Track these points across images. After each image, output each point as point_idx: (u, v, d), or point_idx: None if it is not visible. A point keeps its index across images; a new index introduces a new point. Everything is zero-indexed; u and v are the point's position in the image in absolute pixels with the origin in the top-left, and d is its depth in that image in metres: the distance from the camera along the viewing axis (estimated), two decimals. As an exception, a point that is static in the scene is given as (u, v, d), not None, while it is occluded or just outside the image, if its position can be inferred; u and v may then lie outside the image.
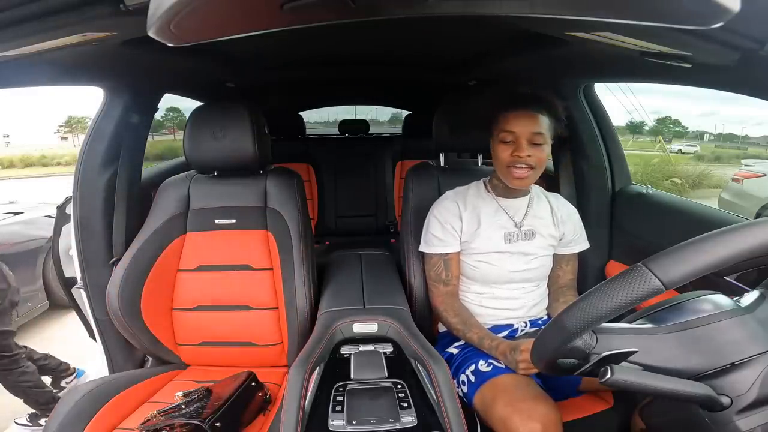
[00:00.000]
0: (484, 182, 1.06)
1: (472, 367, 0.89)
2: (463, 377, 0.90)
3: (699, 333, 0.52)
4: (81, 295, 1.24)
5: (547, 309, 1.07)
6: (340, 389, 0.76)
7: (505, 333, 1.00)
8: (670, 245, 0.46)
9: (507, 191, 1.02)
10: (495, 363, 0.88)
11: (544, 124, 0.92)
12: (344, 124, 3.08)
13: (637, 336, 0.53)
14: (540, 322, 1.04)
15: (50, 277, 2.49)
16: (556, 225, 1.04)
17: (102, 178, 1.22)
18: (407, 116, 2.76)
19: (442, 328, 1.10)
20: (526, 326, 1.02)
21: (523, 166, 0.92)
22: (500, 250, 0.99)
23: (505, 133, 0.93)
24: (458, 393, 0.90)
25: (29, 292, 2.37)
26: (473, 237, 1.00)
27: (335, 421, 0.69)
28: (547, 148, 0.94)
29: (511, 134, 0.92)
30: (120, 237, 1.23)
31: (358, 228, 2.33)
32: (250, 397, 0.93)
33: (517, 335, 1.01)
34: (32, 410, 1.63)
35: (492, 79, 1.55)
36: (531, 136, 0.91)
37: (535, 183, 1.06)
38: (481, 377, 0.86)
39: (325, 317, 0.98)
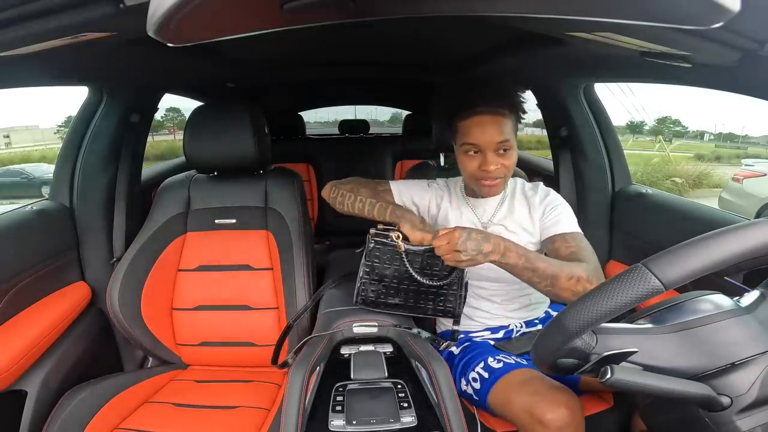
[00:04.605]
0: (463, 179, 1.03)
1: (482, 364, 0.89)
2: (473, 374, 0.90)
3: (699, 333, 0.52)
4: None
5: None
6: (340, 389, 0.76)
7: (500, 334, 1.00)
8: (670, 245, 0.46)
9: (476, 192, 0.97)
10: (504, 359, 0.88)
11: (508, 127, 0.85)
12: (344, 124, 3.08)
13: (637, 336, 0.53)
14: (536, 321, 1.03)
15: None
16: (533, 215, 0.96)
17: (102, 178, 1.22)
18: (407, 116, 2.76)
19: (441, 328, 1.10)
20: (521, 326, 1.01)
21: (493, 178, 0.87)
22: None
23: (468, 146, 0.87)
24: (467, 390, 0.90)
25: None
26: (440, 227, 0.99)
27: (335, 421, 0.69)
28: (515, 152, 0.88)
29: (475, 146, 0.86)
30: (120, 237, 1.24)
31: (358, 228, 2.33)
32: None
33: (512, 336, 1.01)
34: None
35: (492, 78, 1.55)
36: (497, 146, 0.85)
37: (534, 182, 1.05)
38: (495, 373, 0.85)
39: (325, 317, 0.98)
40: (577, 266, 0.79)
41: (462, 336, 1.02)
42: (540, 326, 1.03)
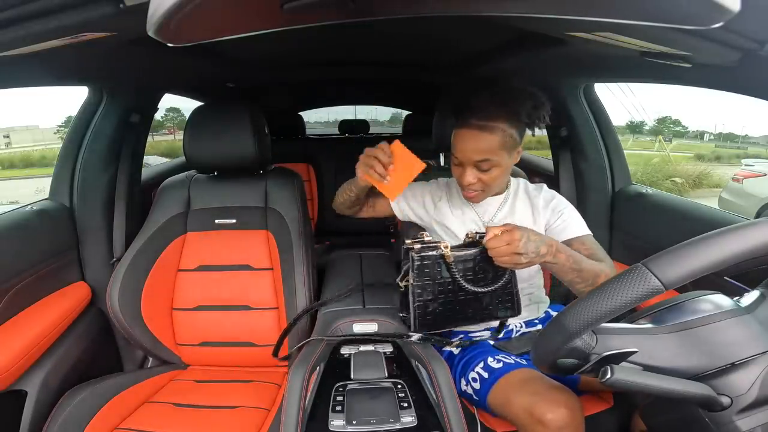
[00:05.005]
0: None
1: (482, 364, 0.89)
2: (473, 374, 0.90)
3: (699, 333, 0.52)
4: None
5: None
6: (340, 389, 0.76)
7: (500, 334, 1.00)
8: (670, 245, 0.46)
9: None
10: (504, 359, 0.88)
11: (497, 141, 0.83)
12: (344, 124, 3.09)
13: (637, 336, 0.53)
14: (536, 321, 1.03)
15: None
16: (536, 217, 0.96)
17: (102, 178, 1.22)
18: (407, 116, 2.76)
19: (441, 328, 1.10)
20: (521, 327, 1.01)
21: (471, 190, 0.89)
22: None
23: (454, 156, 0.89)
24: (467, 390, 0.90)
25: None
26: (441, 224, 1.01)
27: (335, 421, 0.69)
28: (500, 168, 0.86)
29: (456, 157, 0.88)
30: (120, 237, 1.24)
31: (358, 228, 2.33)
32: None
33: (512, 336, 1.01)
34: None
35: (498, 85, 1.56)
36: (475, 163, 0.86)
37: (535, 182, 1.05)
38: (495, 373, 0.85)
39: (325, 317, 0.98)
40: (605, 266, 0.82)
41: (462, 336, 1.02)
42: (540, 326, 1.02)
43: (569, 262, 0.78)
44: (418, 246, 0.80)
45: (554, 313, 0.89)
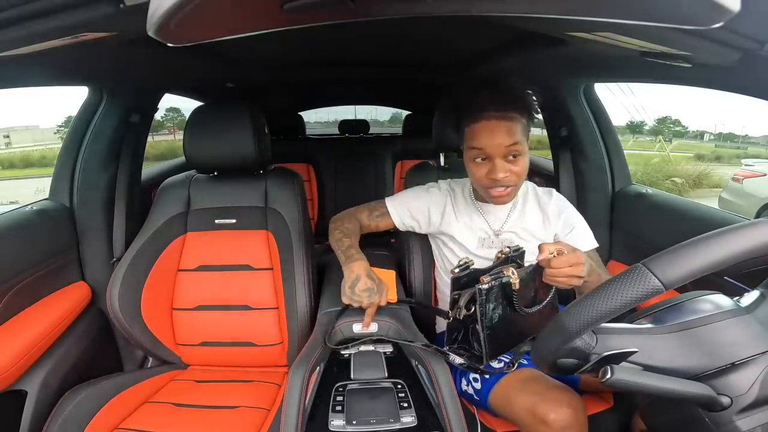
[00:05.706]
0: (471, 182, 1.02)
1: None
2: (473, 374, 0.90)
3: (699, 333, 0.52)
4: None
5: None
6: (340, 389, 0.76)
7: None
8: (670, 245, 0.46)
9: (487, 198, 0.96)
10: (504, 359, 0.88)
11: (518, 128, 0.81)
12: (344, 124, 3.09)
13: (637, 336, 0.53)
14: None
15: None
16: (546, 225, 0.96)
17: (102, 178, 1.22)
18: (407, 116, 2.76)
19: (441, 328, 1.10)
20: None
21: (502, 186, 0.84)
22: (474, 253, 0.96)
23: (476, 151, 0.83)
24: (467, 390, 0.90)
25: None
26: (447, 234, 1.00)
27: (335, 421, 0.69)
28: (526, 157, 0.84)
29: (482, 151, 0.82)
30: (120, 237, 1.24)
31: None
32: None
33: None
34: None
35: (501, 79, 1.55)
36: (506, 151, 0.81)
37: (535, 182, 1.05)
38: (496, 373, 0.86)
39: (325, 317, 0.98)
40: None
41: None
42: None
43: (596, 279, 0.81)
44: (487, 278, 0.78)
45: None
